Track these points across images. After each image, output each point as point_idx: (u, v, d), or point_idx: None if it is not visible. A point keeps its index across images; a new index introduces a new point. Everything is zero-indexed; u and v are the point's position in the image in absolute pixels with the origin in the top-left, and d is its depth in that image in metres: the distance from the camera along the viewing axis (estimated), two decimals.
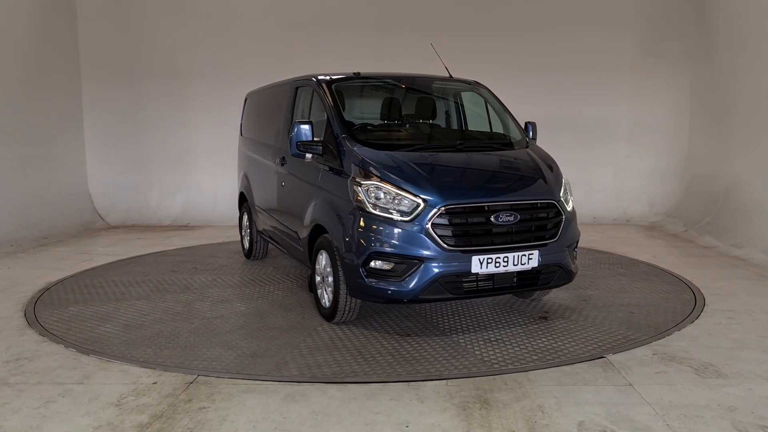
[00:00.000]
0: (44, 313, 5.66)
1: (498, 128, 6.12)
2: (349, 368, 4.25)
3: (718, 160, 9.93)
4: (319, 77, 5.94)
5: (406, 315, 5.45)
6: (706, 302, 5.82)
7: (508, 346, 4.69)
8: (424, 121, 6.28)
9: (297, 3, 11.41)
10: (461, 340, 4.81)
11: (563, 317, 5.38)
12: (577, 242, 5.28)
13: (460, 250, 4.60)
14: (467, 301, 5.83)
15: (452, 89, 6.56)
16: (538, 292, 5.67)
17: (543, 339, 4.83)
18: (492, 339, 4.84)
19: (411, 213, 4.62)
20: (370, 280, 4.69)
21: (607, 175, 11.39)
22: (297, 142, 5.34)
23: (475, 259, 4.60)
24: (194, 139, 11.67)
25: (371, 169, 4.87)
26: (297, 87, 6.36)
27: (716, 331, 5.01)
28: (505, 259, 4.67)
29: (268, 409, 3.63)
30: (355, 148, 5.11)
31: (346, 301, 5.04)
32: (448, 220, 4.62)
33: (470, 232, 4.68)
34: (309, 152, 5.42)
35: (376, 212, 4.69)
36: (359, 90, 6.45)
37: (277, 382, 4.02)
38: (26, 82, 10.11)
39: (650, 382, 3.98)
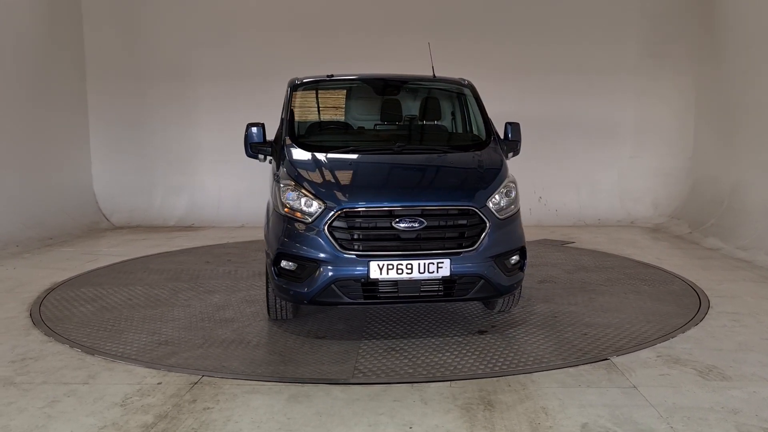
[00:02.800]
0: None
1: (465, 128, 6.01)
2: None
3: (722, 162, 9.91)
4: (293, 79, 6.05)
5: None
6: (710, 304, 5.80)
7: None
8: (388, 121, 6.25)
9: (302, 4, 11.42)
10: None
11: (500, 332, 5.02)
12: (517, 253, 4.87)
13: (357, 255, 4.49)
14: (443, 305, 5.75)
15: (429, 89, 6.45)
16: (504, 302, 5.39)
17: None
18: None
19: (312, 215, 4.60)
20: (280, 279, 4.73)
21: (612, 177, 11.38)
22: (249, 144, 5.44)
23: (373, 265, 4.45)
24: (199, 140, 11.70)
25: (290, 170, 4.96)
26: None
27: (720, 333, 5.00)
28: (409, 266, 4.46)
29: (273, 409, 3.64)
30: (291, 150, 5.21)
31: (274, 300, 5.13)
32: (346, 223, 4.54)
33: (369, 237, 4.57)
34: (260, 153, 5.51)
35: (286, 213, 4.74)
36: (331, 91, 6.42)
37: (281, 383, 4.03)
38: (32, 83, 10.16)
39: (654, 384, 3.97)
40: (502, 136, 5.73)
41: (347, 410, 3.63)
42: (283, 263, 4.69)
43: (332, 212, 4.53)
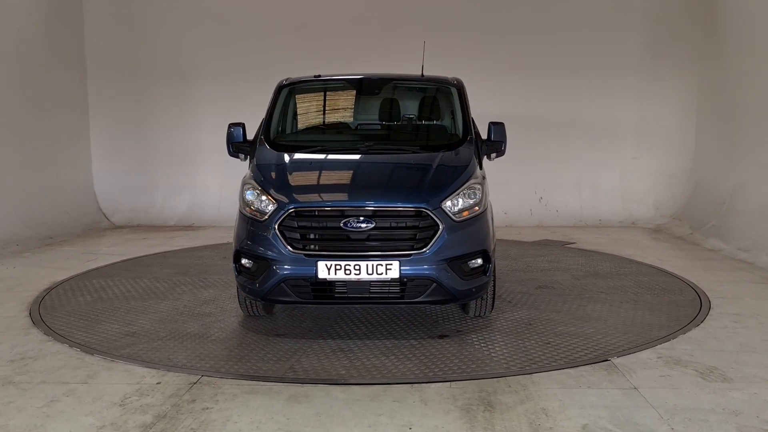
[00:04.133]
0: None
1: (447, 128, 5.93)
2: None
3: (724, 163, 9.89)
4: (282, 80, 6.14)
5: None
6: (711, 305, 5.78)
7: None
8: (368, 121, 6.25)
9: (304, 4, 11.42)
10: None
11: (461, 338, 4.88)
12: (478, 256, 4.72)
13: (305, 254, 4.53)
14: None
15: (414, 88, 6.42)
16: (477, 306, 5.27)
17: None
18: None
19: (266, 214, 4.68)
20: (239, 277, 4.86)
21: (613, 177, 11.36)
22: (231, 144, 5.55)
23: (322, 265, 4.47)
24: (200, 140, 11.69)
25: (253, 169, 5.11)
26: None
27: (721, 334, 4.98)
28: (357, 267, 4.45)
29: (272, 410, 3.63)
30: (261, 150, 5.33)
31: (244, 297, 5.20)
32: (296, 222, 4.59)
33: (317, 236, 4.62)
34: (241, 153, 5.58)
35: (246, 212, 4.86)
36: (316, 91, 6.41)
37: (281, 383, 4.02)
38: (32, 83, 10.15)
39: (655, 385, 3.96)
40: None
41: (347, 411, 3.62)
42: (243, 261, 4.80)
43: (283, 212, 4.59)
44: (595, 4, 11.12)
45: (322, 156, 5.34)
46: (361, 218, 4.51)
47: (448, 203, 4.68)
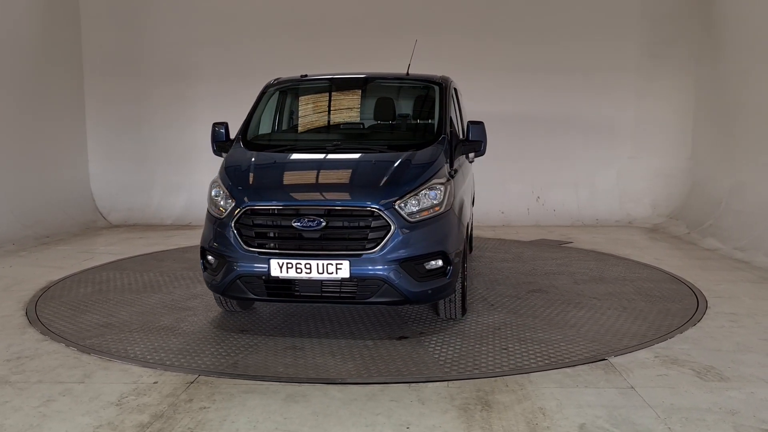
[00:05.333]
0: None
1: (426, 127, 5.86)
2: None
3: (721, 163, 9.91)
4: (270, 80, 6.24)
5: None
6: (708, 305, 5.79)
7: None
8: (347, 120, 6.27)
9: (302, 3, 11.40)
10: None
11: (418, 340, 4.84)
12: (436, 257, 4.64)
13: (258, 252, 4.59)
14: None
15: (396, 87, 6.39)
16: (445, 309, 5.20)
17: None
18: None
19: (225, 212, 4.79)
20: (205, 273, 5.00)
21: (611, 177, 11.37)
22: (215, 143, 5.66)
23: (274, 262, 4.53)
24: (197, 139, 11.64)
25: (221, 168, 5.21)
26: None
27: (719, 334, 4.99)
28: (308, 266, 4.48)
29: (269, 409, 3.63)
30: (234, 149, 5.49)
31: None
32: (251, 220, 4.66)
33: (269, 234, 4.67)
34: (224, 152, 5.64)
35: (210, 209, 4.99)
36: (298, 91, 6.44)
37: (278, 383, 4.01)
38: (29, 81, 10.12)
39: (652, 384, 3.96)
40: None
41: (344, 410, 3.62)
42: (207, 257, 4.93)
43: (239, 210, 4.68)
44: (593, 3, 11.13)
45: (286, 155, 5.39)
46: (313, 217, 4.53)
47: (403, 203, 4.61)
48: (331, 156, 5.24)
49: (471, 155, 5.73)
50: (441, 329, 5.09)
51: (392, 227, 4.52)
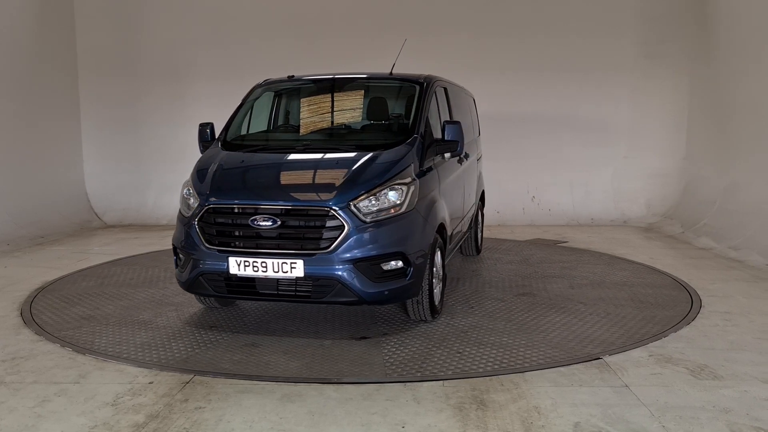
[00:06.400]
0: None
1: (391, 127, 5.80)
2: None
3: (716, 162, 9.94)
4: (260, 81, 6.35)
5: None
6: (702, 304, 5.82)
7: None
8: (321, 121, 6.27)
9: (299, 4, 11.38)
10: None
11: (378, 340, 4.82)
12: (395, 258, 4.63)
13: (218, 250, 4.70)
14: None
15: (377, 87, 6.35)
16: (414, 310, 5.14)
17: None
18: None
19: (191, 210, 4.93)
20: (176, 269, 5.13)
21: (606, 176, 11.39)
22: (202, 143, 5.81)
23: (232, 261, 4.62)
24: (192, 138, 11.56)
25: (194, 167, 5.35)
26: None
27: (712, 332, 5.01)
28: (264, 264, 4.56)
29: (265, 409, 3.63)
30: (210, 149, 5.59)
31: None
32: (213, 219, 4.78)
33: (228, 233, 4.76)
34: None
35: (180, 208, 5.13)
36: (282, 92, 6.46)
37: (274, 383, 4.01)
38: (23, 81, 10.09)
39: (646, 383, 3.98)
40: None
41: (340, 410, 3.63)
42: (179, 254, 5.06)
43: (202, 208, 4.81)
44: (589, 3, 11.15)
45: (255, 155, 5.44)
46: (269, 216, 4.59)
47: (359, 203, 4.60)
48: (296, 156, 5.32)
49: (447, 155, 5.60)
50: (406, 330, 5.05)
51: (347, 227, 4.53)
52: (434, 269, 5.17)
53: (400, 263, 4.68)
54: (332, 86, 6.34)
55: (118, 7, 11.53)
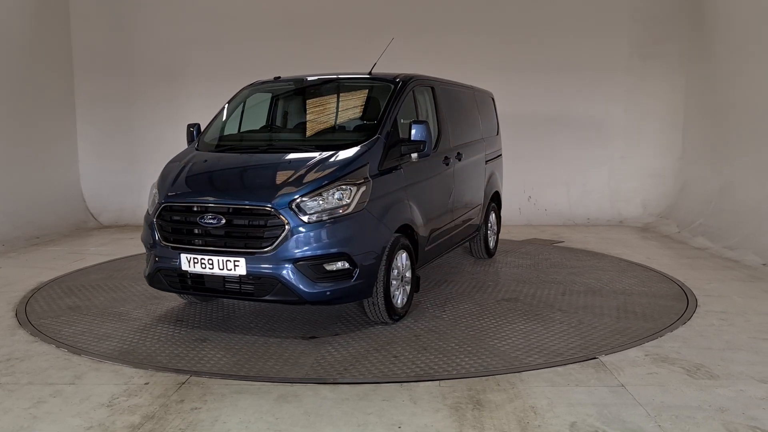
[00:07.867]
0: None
1: (357, 128, 5.76)
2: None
3: (712, 162, 9.97)
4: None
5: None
6: (698, 303, 5.83)
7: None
8: (296, 122, 6.31)
9: (295, 4, 11.38)
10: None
11: (327, 340, 4.83)
12: (340, 259, 4.63)
13: (171, 247, 4.88)
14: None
15: (354, 87, 6.33)
16: (370, 311, 5.10)
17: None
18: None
19: (152, 208, 5.10)
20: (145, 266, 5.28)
21: (602, 176, 11.41)
22: (189, 143, 5.95)
23: (183, 257, 4.79)
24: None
25: (164, 167, 5.49)
26: None
27: (708, 332, 5.02)
28: (210, 262, 4.69)
29: (261, 409, 3.63)
30: (184, 150, 5.72)
31: None
32: (169, 216, 4.95)
33: (179, 230, 4.91)
34: None
35: (148, 206, 5.26)
36: (263, 94, 6.47)
37: (270, 383, 4.01)
38: (18, 81, 10.05)
39: (642, 383, 3.99)
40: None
41: (336, 410, 3.62)
42: (145, 251, 5.22)
43: (159, 206, 4.99)
44: (584, 3, 11.17)
45: (217, 156, 5.53)
46: (216, 215, 4.71)
47: (301, 203, 4.61)
48: (258, 156, 5.40)
49: (414, 155, 5.45)
50: (357, 331, 5.03)
51: (287, 227, 4.57)
52: (395, 271, 5.13)
53: (345, 264, 4.68)
54: (307, 87, 6.37)
55: (114, 8, 11.50)
